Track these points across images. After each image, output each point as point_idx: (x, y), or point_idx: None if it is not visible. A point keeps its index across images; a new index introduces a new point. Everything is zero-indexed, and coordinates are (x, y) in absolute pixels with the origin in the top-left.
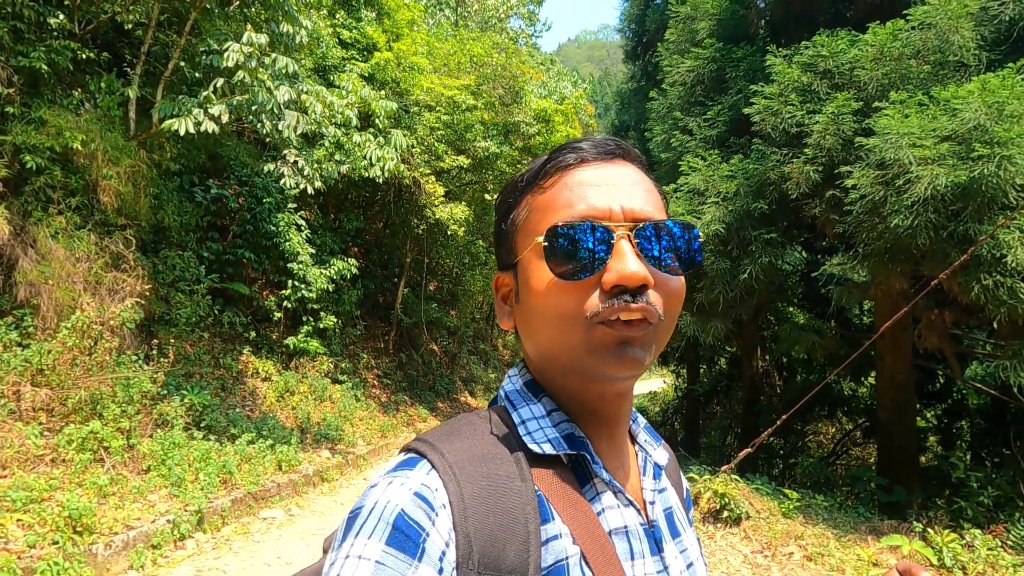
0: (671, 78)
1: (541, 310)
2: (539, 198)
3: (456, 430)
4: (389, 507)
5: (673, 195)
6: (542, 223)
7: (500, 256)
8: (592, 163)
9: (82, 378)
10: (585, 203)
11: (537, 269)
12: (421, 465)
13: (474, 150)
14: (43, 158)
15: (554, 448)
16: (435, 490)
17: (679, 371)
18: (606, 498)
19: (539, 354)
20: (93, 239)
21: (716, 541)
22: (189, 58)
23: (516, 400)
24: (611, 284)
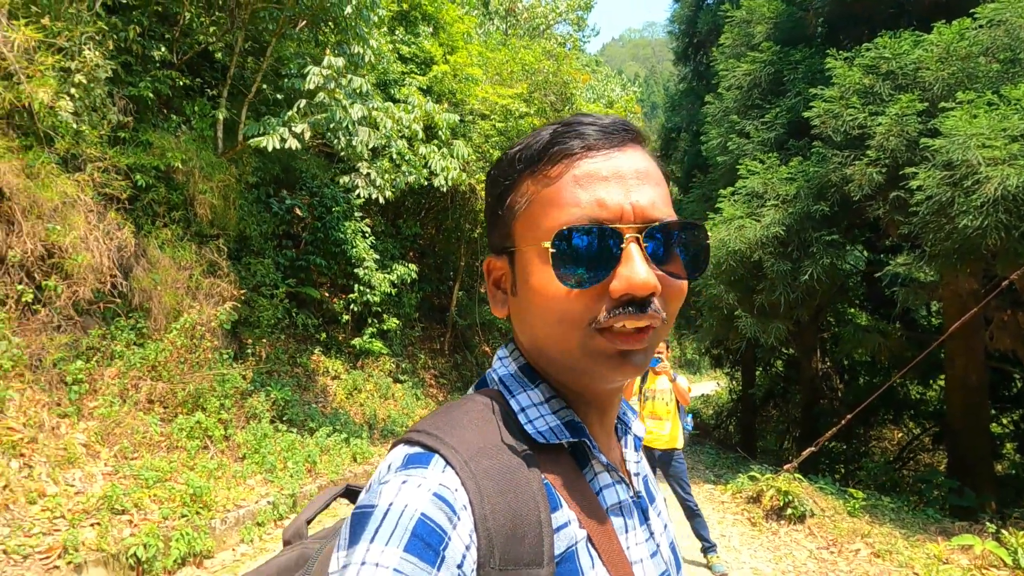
0: (727, 82)
1: (541, 311)
2: (542, 189)
3: (456, 419)
4: (408, 511)
5: (731, 198)
6: (545, 219)
7: (493, 238)
8: (600, 151)
9: (188, 374)
10: (594, 202)
11: (539, 270)
12: (435, 462)
13: None
14: (150, 177)
15: (556, 436)
16: (455, 490)
17: (733, 373)
18: (602, 478)
19: (535, 348)
20: (193, 248)
21: (780, 537)
22: (269, 80)
23: (512, 385)
24: (619, 293)
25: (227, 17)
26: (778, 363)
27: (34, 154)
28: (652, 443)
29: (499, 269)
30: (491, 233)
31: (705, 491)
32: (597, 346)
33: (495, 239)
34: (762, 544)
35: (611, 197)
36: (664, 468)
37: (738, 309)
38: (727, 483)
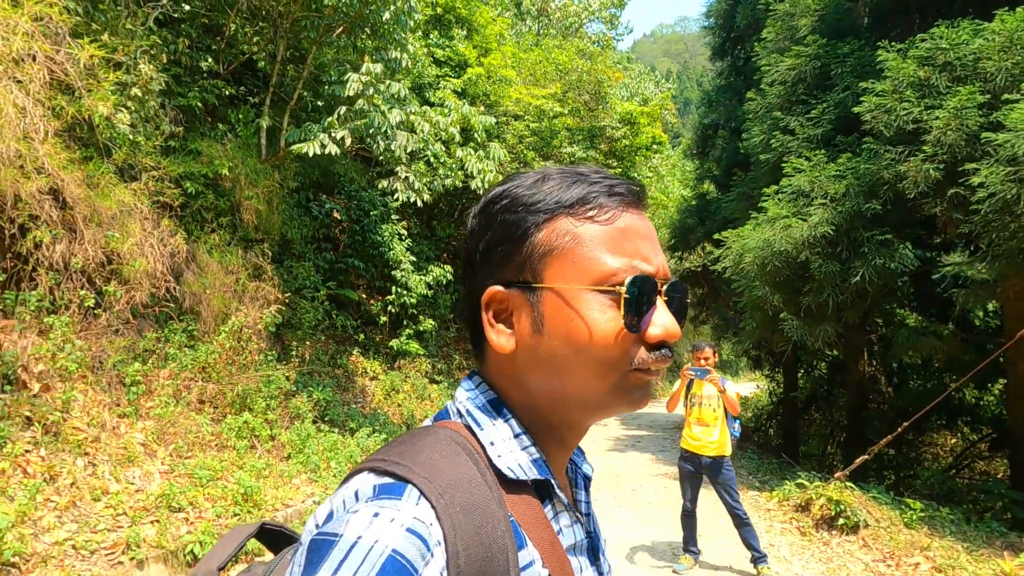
0: (769, 77)
1: (586, 352)
2: (589, 230)
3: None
4: (378, 548)
5: (775, 197)
6: (599, 262)
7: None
8: (636, 210)
9: (235, 375)
10: (640, 256)
11: (591, 310)
12: (409, 493)
13: (560, 155)
14: (199, 184)
15: (525, 473)
16: (429, 525)
17: (774, 376)
18: (562, 517)
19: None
20: (239, 253)
21: (832, 548)
22: (309, 87)
23: (480, 419)
24: (658, 339)
25: (270, 27)
26: (821, 365)
27: (94, 165)
28: (700, 450)
29: (502, 303)
30: (497, 265)
31: (750, 498)
32: (630, 383)
33: (508, 272)
34: (813, 555)
35: (650, 254)
36: (712, 475)
37: (783, 311)
38: (772, 490)
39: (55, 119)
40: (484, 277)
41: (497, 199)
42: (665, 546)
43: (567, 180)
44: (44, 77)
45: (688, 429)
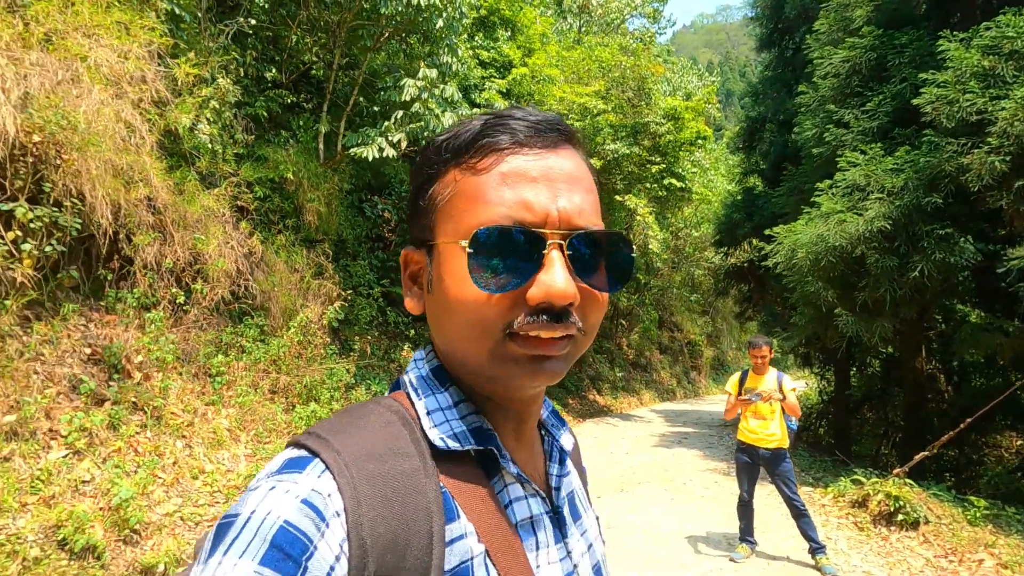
0: (822, 70)
1: (454, 313)
2: (467, 180)
3: (352, 422)
4: (268, 520)
5: (829, 191)
6: (467, 214)
7: (413, 229)
8: (532, 149)
9: (302, 368)
10: (519, 202)
11: (455, 269)
12: (313, 466)
13: (603, 152)
14: (266, 188)
15: (460, 443)
16: (327, 496)
17: (824, 373)
18: (513, 490)
19: (448, 349)
20: (303, 253)
21: (891, 543)
22: (363, 92)
23: (421, 388)
24: (537, 301)
25: (328, 37)
26: (875, 363)
27: (181, 173)
28: (758, 443)
29: (416, 263)
30: (411, 223)
31: (804, 493)
32: (510, 352)
33: (415, 230)
34: (872, 549)
35: (537, 199)
36: (770, 468)
37: (838, 307)
38: (827, 486)
39: (150, 132)
40: (410, 238)
41: (418, 154)
42: (720, 537)
43: (470, 124)
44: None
45: (744, 422)
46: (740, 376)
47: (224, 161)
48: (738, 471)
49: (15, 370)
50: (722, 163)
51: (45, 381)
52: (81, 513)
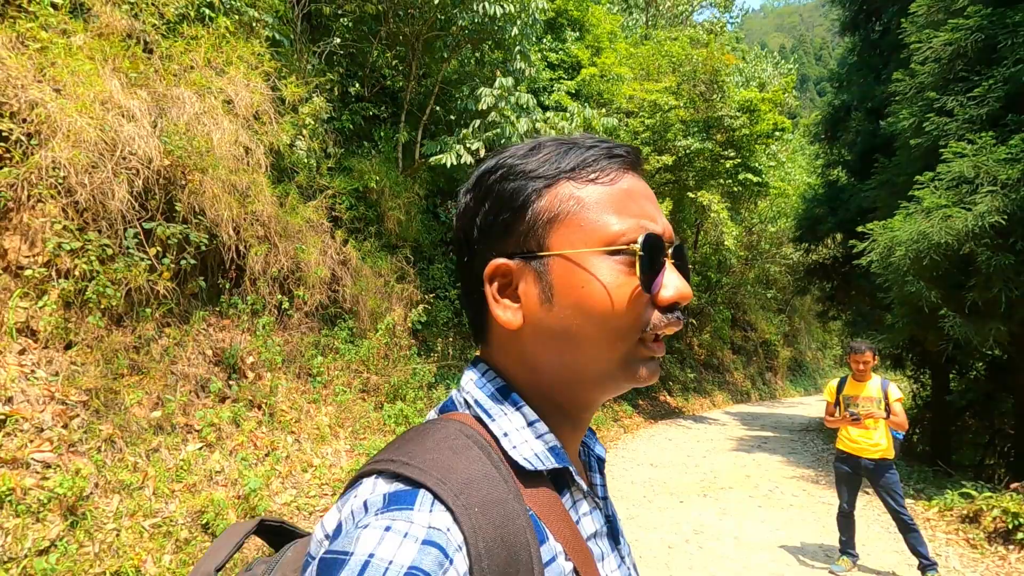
0: (920, 55)
1: (601, 319)
2: (593, 192)
3: (432, 447)
4: (393, 569)
5: (931, 184)
6: (606, 223)
7: (504, 243)
8: (635, 173)
9: (389, 368)
10: (647, 215)
11: (603, 274)
12: (422, 499)
13: (674, 148)
14: (352, 197)
15: (542, 463)
16: (447, 531)
17: (919, 377)
18: (581, 505)
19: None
20: (387, 258)
21: (1011, 563)
22: (440, 102)
23: (492, 409)
24: (670, 301)
25: (407, 50)
26: (979, 366)
27: (283, 187)
28: (860, 452)
29: (506, 276)
30: (499, 236)
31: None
32: (640, 352)
33: (509, 243)
34: (988, 569)
35: (656, 214)
36: (873, 479)
37: (942, 308)
38: (930, 499)
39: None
40: (485, 252)
41: (491, 171)
42: (816, 548)
43: (562, 147)
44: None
45: (845, 431)
46: (838, 383)
47: (320, 175)
48: (838, 481)
49: (156, 371)
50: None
51: (180, 381)
52: (219, 500)
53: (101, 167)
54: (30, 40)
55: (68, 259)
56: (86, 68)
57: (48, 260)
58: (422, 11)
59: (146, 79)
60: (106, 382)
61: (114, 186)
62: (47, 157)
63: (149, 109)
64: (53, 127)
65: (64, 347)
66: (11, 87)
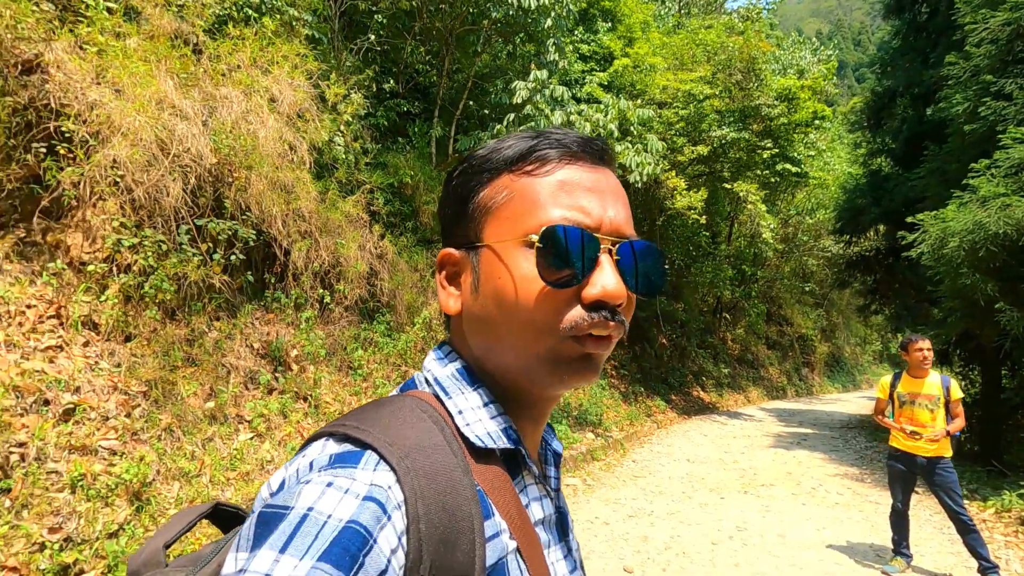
0: (976, 37)
1: (512, 312)
2: (524, 184)
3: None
4: (332, 522)
5: (987, 173)
6: (528, 215)
7: (453, 232)
8: (583, 164)
9: None
10: (578, 207)
11: (518, 267)
12: (367, 458)
13: (709, 139)
14: (387, 193)
15: (495, 441)
16: (388, 488)
17: (967, 373)
18: (531, 490)
19: (489, 352)
20: (423, 253)
21: None
22: (472, 96)
23: (450, 387)
24: (594, 299)
25: (440, 44)
26: None
27: (323, 183)
28: (916, 450)
29: (454, 264)
30: (451, 227)
31: None
32: (564, 351)
33: (457, 232)
34: None
35: (592, 206)
36: (929, 478)
37: (1000, 301)
38: (986, 500)
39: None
40: (444, 242)
41: (458, 166)
42: (865, 547)
43: (523, 139)
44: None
45: (901, 425)
46: (892, 379)
47: (358, 170)
48: (891, 479)
49: (208, 363)
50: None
51: (231, 372)
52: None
53: (157, 165)
54: (88, 44)
55: (128, 255)
56: (142, 70)
57: (108, 256)
58: (453, 6)
59: (196, 79)
60: (163, 373)
61: (168, 183)
62: (108, 156)
63: (200, 108)
64: (112, 127)
65: (123, 339)
66: (72, 89)
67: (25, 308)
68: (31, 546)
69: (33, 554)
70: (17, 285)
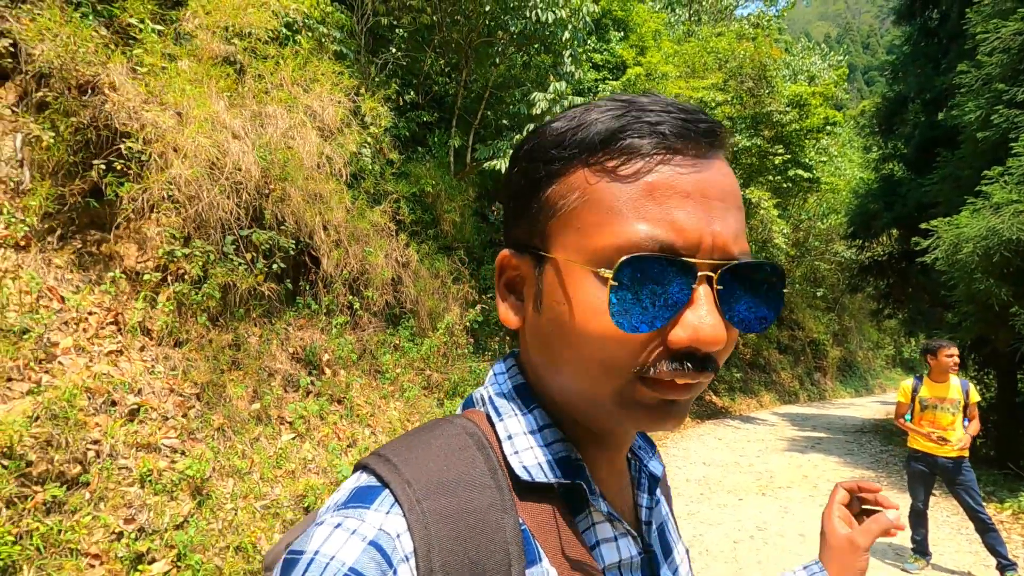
0: (987, 46)
1: (577, 345)
2: (602, 189)
3: (421, 444)
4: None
5: (1000, 179)
6: (602, 230)
7: (514, 230)
8: (684, 159)
9: (448, 366)
10: (669, 223)
11: (585, 296)
12: (382, 499)
13: None
14: (411, 201)
15: (545, 474)
16: (396, 537)
17: (982, 377)
18: (602, 529)
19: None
20: (444, 259)
21: None
22: (490, 106)
23: (503, 408)
24: (681, 346)
25: (459, 56)
26: None
27: (352, 193)
28: (938, 451)
29: (516, 270)
30: (512, 222)
31: None
32: (639, 396)
33: (518, 232)
34: None
35: (690, 221)
36: (949, 477)
37: (1015, 305)
38: (1002, 502)
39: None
40: (505, 237)
41: (526, 142)
42: (885, 547)
43: (609, 112)
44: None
45: (920, 430)
46: (914, 383)
47: (384, 180)
48: (912, 480)
49: (251, 367)
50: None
51: (272, 376)
52: (316, 486)
53: (210, 181)
54: (140, 66)
55: (180, 264)
56: (196, 92)
57: (158, 265)
58: (469, 19)
59: (242, 98)
60: (213, 377)
61: (220, 198)
62: (163, 173)
63: (249, 127)
64: (168, 145)
65: (174, 344)
66: (127, 109)
67: (87, 315)
68: (110, 535)
69: (112, 543)
70: (79, 293)
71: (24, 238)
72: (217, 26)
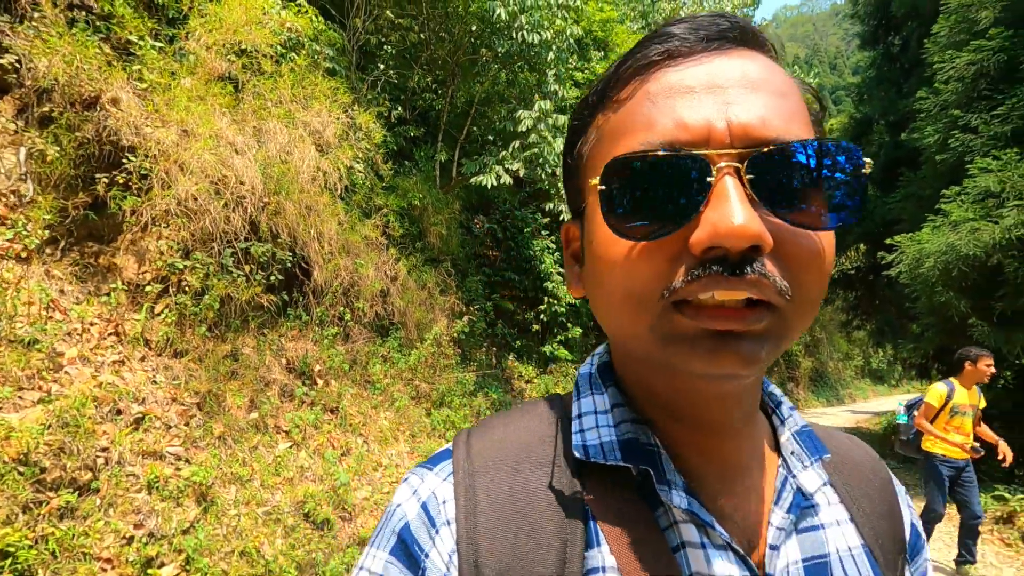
0: (944, 75)
1: (605, 282)
2: (611, 118)
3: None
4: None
5: (957, 199)
6: (610, 154)
7: (570, 200)
8: (689, 58)
9: (435, 377)
10: (672, 122)
11: (598, 223)
12: (442, 466)
13: None
14: (399, 214)
15: (604, 456)
16: (442, 503)
17: None
18: (686, 531)
19: (611, 335)
20: (430, 271)
21: None
22: (475, 122)
23: (582, 386)
24: (703, 247)
25: (446, 73)
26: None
27: (343, 206)
28: (959, 455)
29: (575, 238)
30: (568, 194)
31: None
32: (678, 327)
33: (571, 198)
34: None
35: (695, 112)
36: (963, 478)
37: (972, 317)
38: None
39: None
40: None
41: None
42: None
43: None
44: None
45: (947, 435)
46: (948, 390)
47: (375, 194)
48: (937, 484)
49: (248, 377)
50: None
51: (269, 386)
52: (314, 493)
53: (212, 196)
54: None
55: (179, 276)
56: (200, 109)
57: (157, 277)
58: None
59: (243, 115)
60: (213, 386)
61: (221, 212)
62: (170, 189)
63: (251, 143)
64: (171, 160)
65: (174, 355)
66: (129, 124)
67: (89, 326)
68: (120, 540)
69: (123, 547)
70: (81, 304)
71: (25, 250)
72: (218, 44)
